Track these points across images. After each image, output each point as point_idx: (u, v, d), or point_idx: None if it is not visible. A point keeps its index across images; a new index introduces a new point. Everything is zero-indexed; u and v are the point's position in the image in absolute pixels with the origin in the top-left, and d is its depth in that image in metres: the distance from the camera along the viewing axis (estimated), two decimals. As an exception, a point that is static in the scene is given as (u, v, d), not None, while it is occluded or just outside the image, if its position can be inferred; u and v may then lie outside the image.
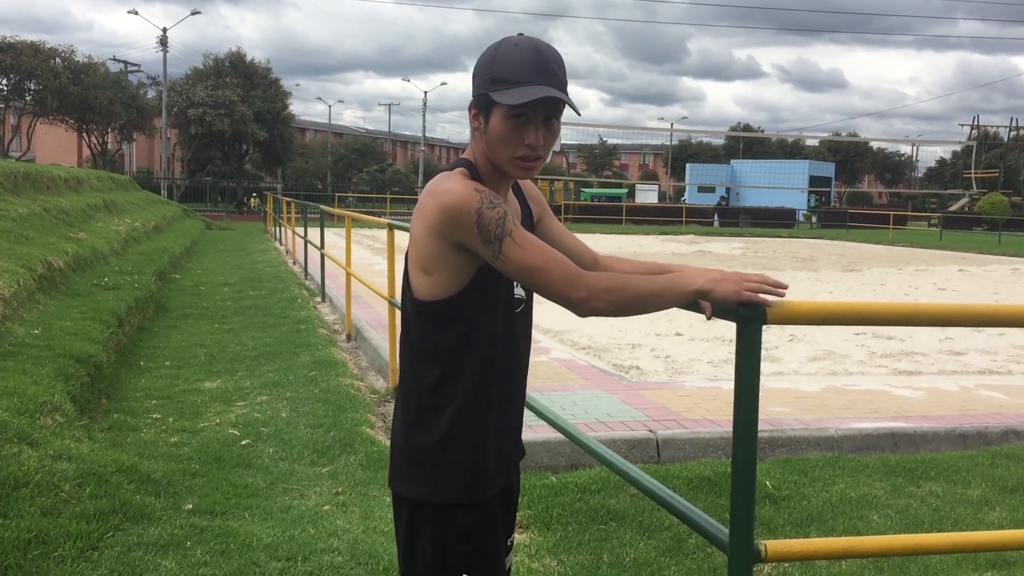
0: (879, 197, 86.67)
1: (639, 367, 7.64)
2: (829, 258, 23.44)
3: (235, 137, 51.10)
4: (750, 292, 1.70)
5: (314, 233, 14.26)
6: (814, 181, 59.12)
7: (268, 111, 52.54)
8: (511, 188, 2.04)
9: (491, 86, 1.83)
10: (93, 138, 50.41)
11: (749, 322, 1.72)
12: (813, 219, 51.40)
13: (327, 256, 11.62)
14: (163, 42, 48.94)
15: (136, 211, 20.48)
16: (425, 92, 75.05)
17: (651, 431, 5.39)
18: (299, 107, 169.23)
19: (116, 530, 3.78)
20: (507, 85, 1.81)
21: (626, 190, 58.44)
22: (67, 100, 45.28)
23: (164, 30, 49.11)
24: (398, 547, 2.01)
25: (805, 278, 16.86)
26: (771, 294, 1.72)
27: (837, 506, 4.44)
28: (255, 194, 49.36)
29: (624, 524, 4.16)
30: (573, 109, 1.88)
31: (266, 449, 5.16)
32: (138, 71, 56.91)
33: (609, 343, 8.84)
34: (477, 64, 1.88)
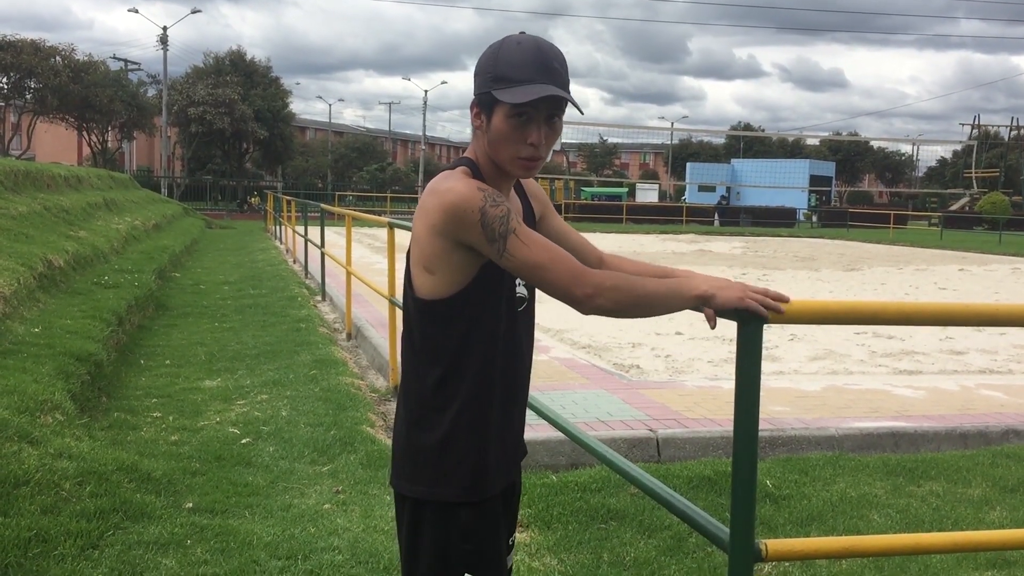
0: (879, 196, 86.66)
1: (639, 366, 7.64)
2: (829, 257, 23.44)
3: (235, 136, 51.07)
4: (753, 301, 1.71)
5: (314, 232, 14.26)
6: (814, 180, 59.08)
7: (268, 110, 52.51)
8: (513, 186, 2.03)
9: (493, 84, 1.82)
10: (93, 136, 50.40)
11: (750, 321, 1.72)
12: (813, 218, 51.38)
13: (327, 255, 11.62)
14: (163, 40, 49.04)
15: (136, 210, 20.48)
16: (425, 91, 75.55)
17: (651, 430, 5.39)
18: (299, 106, 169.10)
19: (116, 528, 3.78)
20: (510, 84, 1.80)
21: (626, 189, 58.45)
22: (67, 98, 45.25)
23: (164, 28, 49.30)
24: (400, 546, 2.01)
25: (805, 277, 16.85)
26: (773, 309, 1.72)
27: (837, 505, 4.44)
28: (255, 193, 49.35)
29: (624, 523, 4.16)
30: (576, 108, 1.88)
31: (266, 448, 5.16)
32: (138, 69, 56.90)
33: (609, 342, 8.84)
34: (479, 63, 1.88)
